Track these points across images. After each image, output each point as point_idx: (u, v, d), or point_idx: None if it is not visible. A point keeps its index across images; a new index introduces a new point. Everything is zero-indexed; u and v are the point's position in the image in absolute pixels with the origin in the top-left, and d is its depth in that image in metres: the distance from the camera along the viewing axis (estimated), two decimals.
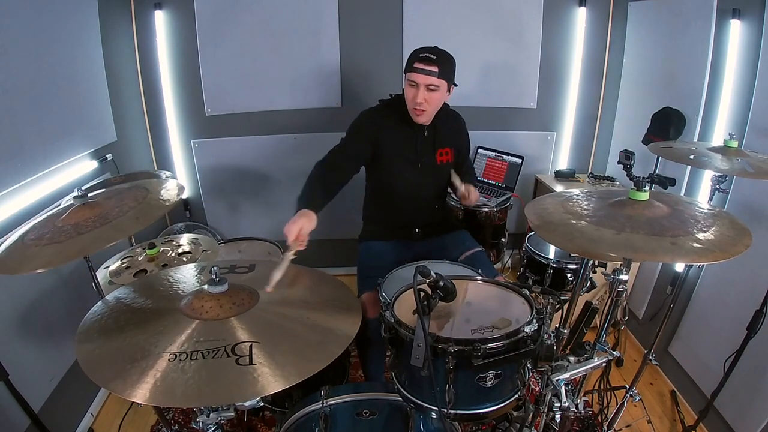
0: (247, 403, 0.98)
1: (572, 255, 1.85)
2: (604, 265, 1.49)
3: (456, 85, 1.69)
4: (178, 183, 1.34)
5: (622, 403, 1.65)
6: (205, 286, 1.05)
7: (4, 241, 1.14)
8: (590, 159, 2.88)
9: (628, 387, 1.68)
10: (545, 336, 1.06)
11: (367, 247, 1.88)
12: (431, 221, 1.89)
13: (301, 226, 1.35)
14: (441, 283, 0.97)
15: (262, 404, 1.09)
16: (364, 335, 1.48)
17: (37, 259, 1.03)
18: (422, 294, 0.95)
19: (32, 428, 1.54)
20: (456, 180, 1.81)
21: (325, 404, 1.15)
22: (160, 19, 2.44)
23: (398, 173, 1.78)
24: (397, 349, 1.11)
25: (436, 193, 1.90)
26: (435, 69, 1.58)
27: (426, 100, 1.62)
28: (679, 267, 1.95)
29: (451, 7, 2.53)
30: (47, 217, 1.21)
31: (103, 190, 1.35)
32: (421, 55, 1.59)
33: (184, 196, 2.81)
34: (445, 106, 1.78)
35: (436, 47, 1.64)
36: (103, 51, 2.18)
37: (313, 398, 1.19)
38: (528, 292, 1.20)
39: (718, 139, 1.88)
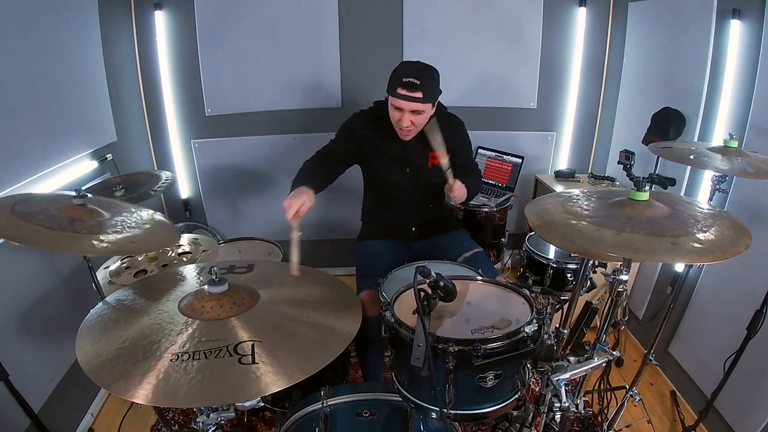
0: (247, 403, 0.98)
1: (572, 255, 1.85)
2: (604, 265, 1.49)
3: (441, 92, 1.65)
4: (181, 232, 1.35)
5: (622, 404, 1.65)
6: (206, 287, 1.05)
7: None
8: (590, 159, 2.88)
9: (628, 387, 1.68)
10: (545, 336, 1.06)
11: (365, 247, 1.88)
12: (427, 221, 1.89)
13: (303, 202, 1.41)
14: (441, 283, 0.96)
15: (262, 404, 1.09)
16: (362, 335, 1.48)
17: (22, 232, 1.04)
18: (422, 294, 0.95)
19: (32, 428, 1.54)
20: (450, 177, 1.70)
21: (325, 404, 1.15)
22: (160, 19, 2.43)
23: (388, 176, 1.79)
24: (397, 349, 1.11)
25: (431, 194, 1.89)
26: (419, 95, 1.53)
27: (412, 122, 1.61)
28: (679, 267, 1.95)
29: (451, 7, 2.53)
30: (45, 198, 1.21)
31: (96, 197, 1.34)
32: (404, 79, 1.53)
33: (184, 196, 2.82)
34: (441, 109, 1.77)
35: (419, 65, 1.59)
36: (103, 51, 2.18)
37: (313, 398, 1.19)
38: (528, 292, 1.20)
39: (718, 139, 1.88)
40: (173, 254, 1.65)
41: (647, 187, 1.12)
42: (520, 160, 2.63)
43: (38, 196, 1.25)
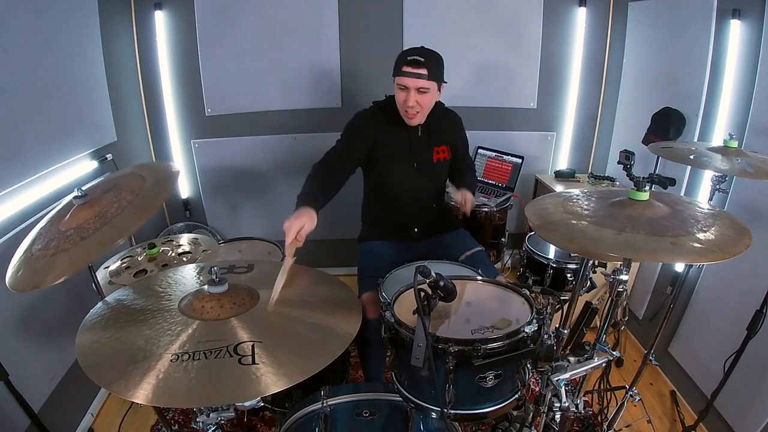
0: (247, 403, 0.98)
1: (572, 255, 1.85)
2: (604, 265, 1.49)
3: (446, 83, 1.68)
4: (173, 166, 1.31)
5: (622, 403, 1.65)
6: (205, 287, 1.05)
7: (13, 256, 1.13)
8: (590, 159, 2.88)
9: (628, 387, 1.68)
10: (545, 336, 1.06)
11: (367, 248, 1.88)
12: (430, 220, 1.89)
13: (303, 224, 1.34)
14: (441, 283, 0.96)
15: (262, 404, 1.09)
16: (364, 335, 1.48)
17: (49, 271, 1.02)
18: (422, 294, 0.95)
19: (32, 428, 1.54)
20: (452, 190, 1.83)
21: (325, 404, 1.15)
22: (160, 19, 2.44)
23: (395, 173, 1.78)
24: (397, 349, 1.11)
25: (434, 192, 1.90)
26: (424, 71, 1.56)
27: (418, 102, 1.62)
28: (679, 267, 1.95)
29: (451, 7, 2.53)
30: (51, 221, 1.20)
31: (100, 180, 1.33)
32: (409, 58, 1.57)
33: (184, 196, 2.82)
34: (440, 105, 1.78)
35: (422, 48, 1.62)
36: (103, 51, 2.18)
37: (313, 398, 1.19)
38: (528, 292, 1.20)
39: (718, 139, 1.88)
40: (173, 254, 1.65)
41: (647, 187, 1.12)
42: (520, 160, 2.63)
43: (46, 223, 1.23)
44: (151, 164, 1.34)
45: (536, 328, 1.04)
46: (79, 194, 1.19)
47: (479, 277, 1.36)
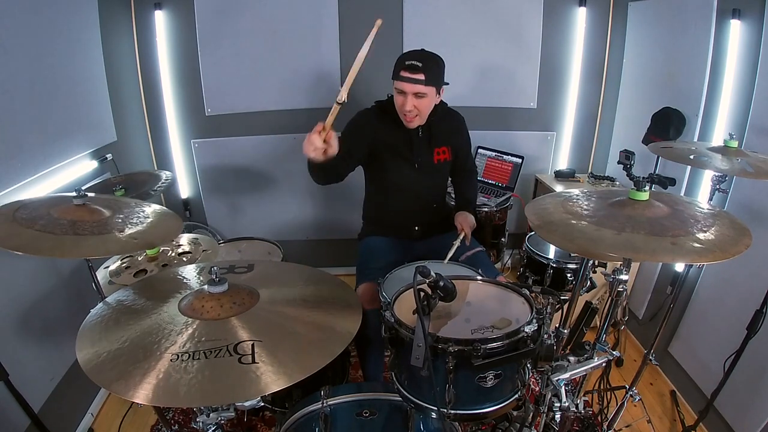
0: (247, 403, 0.98)
1: (572, 255, 1.85)
2: (604, 265, 1.49)
3: (447, 84, 1.68)
4: (183, 224, 1.35)
5: (622, 403, 1.65)
6: (206, 286, 1.05)
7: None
8: (590, 159, 2.88)
9: (628, 387, 1.68)
10: (545, 336, 1.06)
11: (367, 244, 1.89)
12: (430, 220, 1.89)
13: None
14: (441, 283, 0.96)
15: (262, 404, 1.09)
16: (362, 333, 1.48)
17: (25, 240, 1.04)
18: (422, 294, 0.95)
19: (32, 428, 1.54)
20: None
21: (325, 404, 1.15)
22: (160, 19, 2.44)
23: (395, 173, 1.78)
24: (397, 349, 1.11)
25: (435, 192, 1.90)
26: (421, 77, 1.56)
27: (416, 106, 1.62)
28: (679, 267, 1.95)
29: (451, 7, 2.53)
30: (42, 202, 1.21)
31: (97, 195, 1.34)
32: (406, 62, 1.56)
33: (184, 196, 2.82)
34: (443, 105, 1.78)
35: (422, 51, 1.62)
36: (103, 51, 2.18)
37: (313, 398, 1.19)
38: (528, 292, 1.20)
39: (718, 139, 1.88)
40: (173, 254, 1.65)
41: (647, 187, 1.12)
42: (520, 160, 2.63)
43: (36, 200, 1.25)
44: (158, 210, 1.37)
45: (536, 328, 1.04)
46: (78, 194, 1.19)
47: (479, 277, 1.36)
